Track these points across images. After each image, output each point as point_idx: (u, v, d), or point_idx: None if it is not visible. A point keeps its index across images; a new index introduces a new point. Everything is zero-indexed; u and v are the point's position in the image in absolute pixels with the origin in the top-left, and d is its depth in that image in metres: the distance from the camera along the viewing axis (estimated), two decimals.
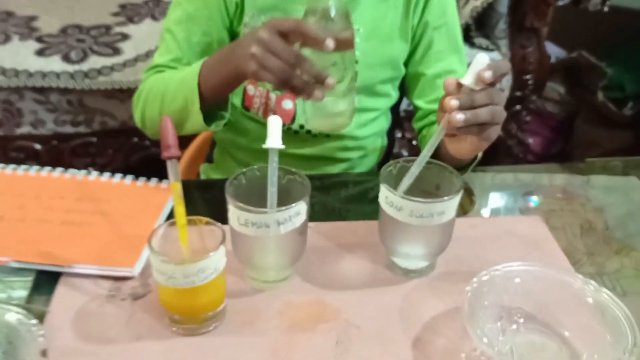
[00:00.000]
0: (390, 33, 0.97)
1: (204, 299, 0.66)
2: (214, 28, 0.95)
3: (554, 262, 0.78)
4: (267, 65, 0.74)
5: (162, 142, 0.67)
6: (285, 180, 0.72)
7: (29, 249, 0.76)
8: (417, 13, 0.98)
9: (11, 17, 1.70)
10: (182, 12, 0.95)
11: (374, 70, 0.98)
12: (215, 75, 0.85)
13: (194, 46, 0.95)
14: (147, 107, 0.95)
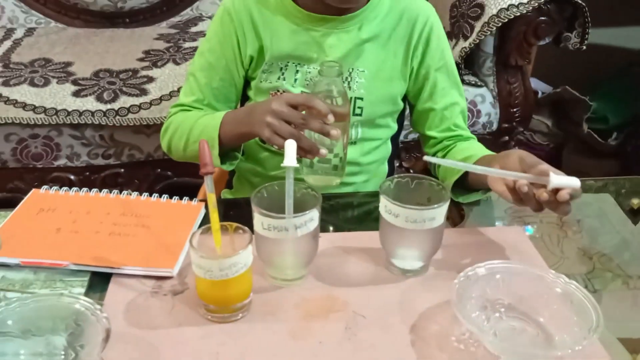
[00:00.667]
0: (391, 74, 1.10)
1: (234, 290, 0.79)
2: (230, 75, 1.11)
3: (532, 262, 0.89)
4: (279, 132, 0.91)
5: (200, 161, 0.81)
6: (299, 193, 0.86)
7: (84, 254, 0.89)
8: (417, 57, 1.10)
9: (49, 63, 1.86)
10: (205, 61, 1.11)
11: (376, 106, 1.10)
12: (234, 131, 1.02)
13: (213, 90, 1.11)
14: (174, 141, 1.11)
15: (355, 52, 1.07)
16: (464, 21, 1.79)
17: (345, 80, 1.08)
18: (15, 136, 1.68)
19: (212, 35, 1.11)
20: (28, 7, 2.20)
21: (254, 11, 1.07)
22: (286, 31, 1.07)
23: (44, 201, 1.01)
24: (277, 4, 1.07)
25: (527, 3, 1.69)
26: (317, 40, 1.07)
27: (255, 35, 1.08)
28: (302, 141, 0.90)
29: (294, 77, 1.08)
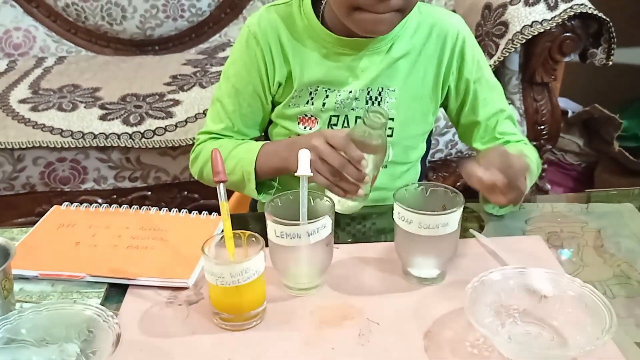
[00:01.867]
0: (422, 92, 1.08)
1: (246, 298, 0.79)
2: (258, 101, 1.08)
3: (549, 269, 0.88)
4: (320, 171, 0.91)
5: (213, 170, 0.83)
6: (314, 201, 0.86)
7: (101, 266, 0.90)
8: (454, 74, 1.08)
9: (78, 89, 1.91)
10: (231, 87, 1.08)
11: (407, 126, 1.08)
12: (271, 165, 1.02)
13: (242, 116, 1.09)
14: (206, 170, 1.10)
15: (387, 72, 1.05)
16: (489, 39, 1.79)
17: (375, 101, 1.06)
18: (42, 160, 1.72)
19: (238, 58, 1.08)
20: (59, 37, 2.27)
21: (282, 34, 1.04)
22: (316, 57, 1.04)
23: (65, 217, 1.03)
24: (306, 27, 1.04)
25: (551, 19, 1.68)
26: (348, 65, 1.04)
27: (283, 61, 1.05)
28: (342, 184, 0.91)
29: (323, 101, 1.06)
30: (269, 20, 1.05)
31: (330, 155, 0.90)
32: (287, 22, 1.05)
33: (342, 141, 0.89)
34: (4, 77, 2.02)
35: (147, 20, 2.23)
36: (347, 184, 0.91)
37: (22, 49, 2.23)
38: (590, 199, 1.12)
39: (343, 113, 1.07)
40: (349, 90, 1.05)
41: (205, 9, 2.27)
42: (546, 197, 1.13)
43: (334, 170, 0.90)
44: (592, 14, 1.68)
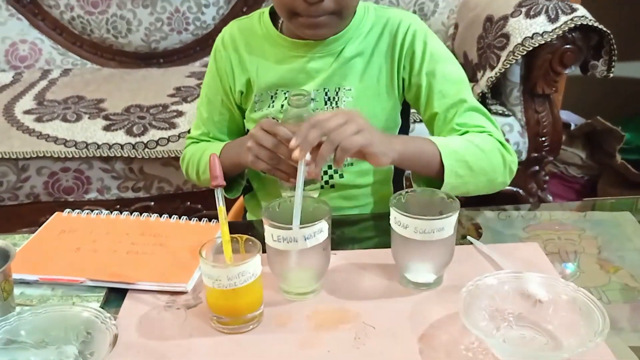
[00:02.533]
0: (378, 90, 1.10)
1: (243, 300, 0.80)
2: (227, 109, 1.17)
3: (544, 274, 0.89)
4: (259, 155, 0.96)
5: (210, 175, 0.84)
6: (311, 207, 0.87)
7: (101, 271, 0.91)
8: (406, 68, 1.09)
9: (82, 100, 1.93)
10: (205, 96, 1.19)
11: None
12: (230, 160, 1.07)
13: (215, 124, 1.18)
14: (189, 170, 1.20)
15: (340, 72, 1.09)
16: (491, 51, 1.81)
17: (332, 101, 1.09)
18: (47, 170, 1.74)
19: (209, 70, 1.17)
20: (65, 50, 2.31)
21: (240, 45, 1.12)
22: (272, 61, 1.10)
23: (66, 223, 1.04)
24: (264, 34, 1.11)
25: (552, 31, 1.69)
26: (302, 67, 1.09)
27: (242, 70, 1.12)
28: (281, 166, 0.96)
29: (282, 102, 1.10)
30: (230, 33, 1.14)
31: (263, 138, 0.95)
32: (247, 33, 1.13)
33: (272, 124, 0.95)
34: (10, 88, 2.05)
35: (152, 33, 2.26)
36: (286, 165, 0.95)
37: (28, 61, 2.27)
38: (588, 207, 1.13)
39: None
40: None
41: (209, 22, 2.30)
42: (544, 206, 1.13)
43: (270, 153, 0.95)
44: (592, 26, 1.69)
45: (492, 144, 1.03)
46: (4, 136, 1.73)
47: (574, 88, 2.33)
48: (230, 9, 2.32)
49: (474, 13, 1.98)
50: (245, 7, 2.31)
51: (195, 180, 1.20)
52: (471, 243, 0.98)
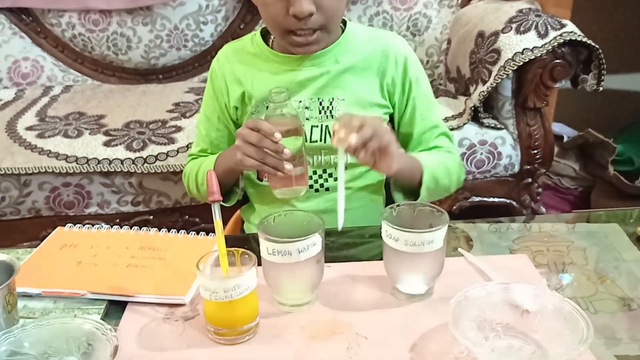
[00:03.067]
0: (370, 101, 1.16)
1: (240, 312, 0.82)
2: (224, 126, 1.22)
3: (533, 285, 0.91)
4: (247, 152, 1.01)
5: (207, 190, 0.87)
6: (305, 221, 0.90)
7: (101, 284, 0.93)
8: (397, 88, 1.17)
9: (83, 116, 1.96)
10: (203, 114, 1.24)
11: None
12: (224, 167, 1.13)
13: (213, 140, 1.23)
14: (190, 186, 1.25)
15: (333, 83, 1.15)
16: (482, 66, 1.84)
17: (326, 110, 1.15)
18: (48, 185, 1.77)
19: (206, 90, 1.23)
20: (66, 66, 2.34)
21: (234, 62, 1.18)
22: (266, 74, 1.16)
23: (67, 237, 1.07)
24: (256, 52, 1.18)
25: (542, 47, 1.73)
26: (295, 78, 1.15)
27: (237, 85, 1.17)
28: (267, 160, 1.01)
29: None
30: (224, 54, 1.21)
31: (248, 134, 1.00)
32: (240, 52, 1.20)
33: (255, 121, 1.01)
34: (12, 105, 2.08)
35: (152, 50, 2.30)
36: (272, 160, 1.00)
37: (30, 78, 2.30)
38: (580, 219, 1.16)
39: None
40: (298, 100, 1.15)
41: (207, 38, 2.34)
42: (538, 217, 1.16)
43: (257, 149, 1.00)
44: (581, 41, 1.73)
45: (456, 166, 1.18)
46: (6, 152, 1.76)
47: (566, 101, 2.36)
48: (227, 26, 2.35)
49: (466, 29, 2.01)
50: (243, 24, 2.35)
51: (196, 193, 1.24)
52: (462, 255, 1.01)
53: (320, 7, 1.04)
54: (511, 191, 1.93)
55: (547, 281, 0.94)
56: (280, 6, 1.04)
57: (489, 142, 1.86)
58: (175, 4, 2.24)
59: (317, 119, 1.15)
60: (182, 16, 2.27)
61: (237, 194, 1.20)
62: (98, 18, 2.24)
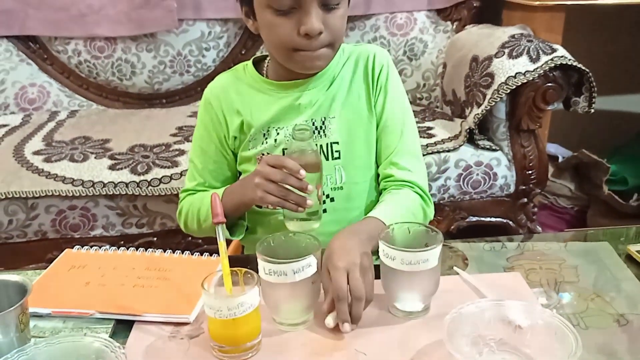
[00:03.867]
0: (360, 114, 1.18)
1: (243, 330, 0.85)
2: (222, 157, 1.22)
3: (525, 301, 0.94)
4: (268, 190, 1.02)
5: (212, 212, 0.91)
6: (303, 243, 0.94)
7: (109, 304, 0.97)
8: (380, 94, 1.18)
9: (89, 141, 2.01)
10: (198, 147, 1.23)
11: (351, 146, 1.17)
12: (232, 203, 1.12)
13: (211, 172, 1.22)
14: (188, 222, 1.24)
15: (326, 104, 1.17)
16: (477, 90, 1.89)
17: (320, 130, 1.17)
18: (54, 208, 1.81)
19: (200, 122, 1.22)
20: (72, 92, 2.40)
21: (231, 92, 1.19)
22: (262, 103, 1.17)
23: (76, 259, 1.10)
24: (251, 83, 1.19)
25: (533, 71, 1.78)
26: (291, 104, 1.16)
27: (236, 116, 1.18)
28: (290, 196, 1.02)
29: (274, 138, 1.17)
30: (219, 84, 1.21)
31: (271, 173, 1.02)
32: (235, 83, 1.20)
33: (279, 158, 1.03)
34: (20, 130, 2.13)
35: (155, 76, 2.35)
36: (295, 196, 1.02)
37: (37, 104, 2.35)
38: (569, 238, 1.19)
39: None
40: (294, 124, 1.16)
41: (210, 64, 2.40)
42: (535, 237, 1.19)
43: (279, 187, 1.02)
44: (572, 65, 1.78)
45: (417, 204, 1.16)
46: (14, 176, 1.80)
47: (560, 122, 2.40)
48: (229, 52, 2.41)
49: (460, 53, 2.07)
50: (244, 49, 2.41)
51: (196, 230, 1.23)
52: (457, 273, 1.04)
53: (327, 26, 1.06)
54: (507, 211, 1.97)
55: (546, 300, 0.97)
56: (290, 25, 1.05)
57: (485, 163, 1.90)
58: (178, 31, 2.30)
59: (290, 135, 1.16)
60: (185, 42, 2.33)
61: (244, 226, 1.20)
62: (103, 45, 2.30)
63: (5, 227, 1.81)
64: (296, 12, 1.04)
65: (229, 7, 2.30)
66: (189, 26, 2.32)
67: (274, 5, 1.04)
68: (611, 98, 2.59)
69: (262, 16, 1.08)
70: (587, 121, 2.26)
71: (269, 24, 1.08)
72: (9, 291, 0.87)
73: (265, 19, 1.07)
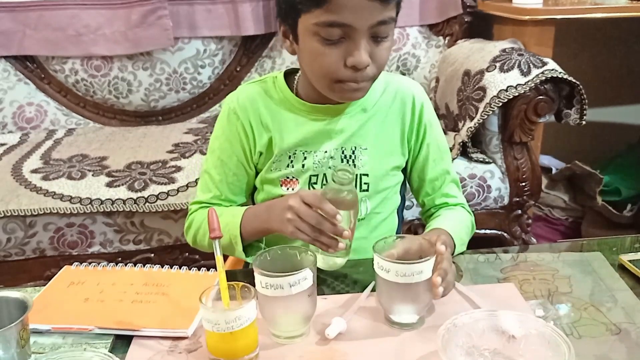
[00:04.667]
0: (391, 148, 1.18)
1: (241, 343, 0.86)
2: (242, 170, 1.18)
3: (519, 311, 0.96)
4: (300, 228, 0.99)
5: (209, 227, 0.92)
6: (300, 257, 0.95)
7: (108, 319, 0.97)
8: (413, 134, 1.19)
9: (86, 158, 2.02)
10: (217, 159, 1.18)
11: (380, 180, 1.17)
12: (255, 228, 1.10)
13: (229, 185, 1.19)
14: (198, 237, 1.20)
15: (358, 133, 1.15)
16: (469, 103, 1.92)
17: (349, 159, 1.15)
18: (52, 225, 1.82)
19: (221, 133, 1.18)
20: (69, 110, 2.42)
21: (260, 106, 1.15)
22: (292, 124, 1.14)
23: (75, 276, 1.11)
24: (281, 99, 1.15)
25: (525, 84, 1.81)
26: (322, 128, 1.14)
27: (263, 130, 1.15)
28: (322, 238, 0.99)
29: (302, 162, 1.15)
30: (247, 96, 1.16)
31: (306, 213, 0.98)
32: (264, 96, 1.16)
33: (317, 199, 0.98)
34: (18, 149, 2.15)
35: (151, 93, 2.37)
36: (327, 238, 0.99)
37: (34, 123, 2.37)
38: (561, 248, 1.21)
39: (321, 172, 1.16)
40: (324, 150, 1.15)
41: (205, 81, 2.42)
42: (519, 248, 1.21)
43: (312, 227, 0.98)
44: (562, 78, 1.80)
45: (469, 219, 1.22)
46: (12, 195, 1.81)
47: (553, 134, 2.43)
48: (224, 69, 2.44)
49: (453, 68, 2.09)
50: (239, 66, 2.44)
51: (206, 245, 1.19)
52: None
53: (374, 58, 1.02)
54: (502, 223, 1.99)
55: (543, 312, 0.98)
56: (336, 56, 1.01)
57: (478, 176, 1.92)
58: (174, 49, 2.32)
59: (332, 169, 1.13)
60: (180, 60, 2.35)
61: (260, 248, 1.16)
62: (100, 64, 2.32)
63: (3, 245, 1.82)
64: (344, 42, 1.01)
65: (223, 25, 2.33)
66: (184, 44, 2.34)
67: (322, 34, 1.00)
68: (602, 110, 2.63)
69: (306, 43, 1.04)
70: (579, 133, 2.29)
71: (314, 52, 1.03)
72: (9, 307, 0.88)
73: (309, 46, 1.03)
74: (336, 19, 0.98)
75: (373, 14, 0.99)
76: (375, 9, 0.98)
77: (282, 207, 1.02)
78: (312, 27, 1.01)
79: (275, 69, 2.45)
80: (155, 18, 2.24)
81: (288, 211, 1.00)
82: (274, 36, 2.42)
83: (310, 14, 1.00)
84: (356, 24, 0.98)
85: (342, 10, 0.97)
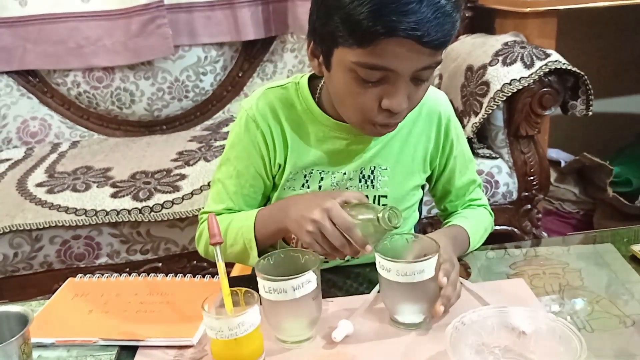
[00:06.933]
0: (412, 168, 1.12)
1: (245, 349, 0.85)
2: (260, 181, 1.11)
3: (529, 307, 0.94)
4: (321, 243, 0.92)
5: (209, 233, 0.90)
6: (303, 259, 0.93)
7: (112, 330, 0.97)
8: (439, 150, 1.13)
9: (90, 170, 2.02)
10: (233, 168, 1.10)
11: (399, 202, 1.11)
12: (269, 229, 1.04)
13: (244, 196, 1.11)
14: (210, 247, 1.09)
15: (379, 153, 1.09)
16: (473, 99, 1.90)
17: (367, 179, 1.10)
18: (59, 238, 1.82)
19: (237, 142, 1.09)
20: (73, 123, 2.42)
21: (282, 117, 1.07)
22: (313, 140, 1.07)
23: (79, 288, 1.10)
24: (304, 110, 1.07)
25: (528, 77, 1.78)
26: (343, 148, 1.07)
27: (284, 144, 1.07)
28: (339, 255, 0.94)
29: (319, 183, 1.08)
30: (267, 103, 1.07)
31: (332, 235, 0.91)
32: (286, 105, 1.07)
33: (347, 225, 0.91)
34: (22, 163, 2.15)
35: (154, 103, 2.37)
36: (342, 255, 0.95)
37: (39, 137, 2.38)
38: (571, 241, 1.19)
39: None
40: (343, 172, 1.08)
41: (208, 88, 2.41)
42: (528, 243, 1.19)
43: (332, 246, 0.92)
44: (567, 69, 1.78)
45: (489, 220, 1.21)
46: (18, 209, 1.81)
47: (561, 126, 2.41)
48: (226, 75, 2.43)
49: (455, 64, 2.08)
50: (241, 72, 2.43)
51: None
52: (460, 282, 1.04)
53: (411, 100, 0.94)
54: (512, 218, 1.97)
55: (558, 307, 0.97)
56: (372, 97, 0.93)
57: (486, 172, 1.90)
58: (175, 57, 2.32)
59: (355, 188, 1.09)
60: (182, 68, 2.35)
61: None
62: (102, 75, 2.32)
63: (11, 260, 1.81)
64: (382, 83, 0.91)
65: (223, 31, 2.32)
66: (185, 52, 2.34)
67: (360, 74, 0.90)
68: (610, 100, 2.60)
69: (339, 75, 0.94)
70: (587, 124, 2.26)
71: (347, 88, 0.94)
72: (10, 322, 0.87)
73: (343, 81, 0.94)
74: (379, 62, 0.88)
75: (420, 60, 0.89)
76: (423, 54, 0.88)
77: (303, 216, 0.94)
78: (349, 64, 0.90)
79: (277, 72, 2.44)
80: (154, 27, 2.24)
81: (311, 224, 0.92)
82: (275, 40, 2.41)
83: (350, 49, 0.89)
84: (400, 69, 0.89)
85: (388, 55, 0.87)
